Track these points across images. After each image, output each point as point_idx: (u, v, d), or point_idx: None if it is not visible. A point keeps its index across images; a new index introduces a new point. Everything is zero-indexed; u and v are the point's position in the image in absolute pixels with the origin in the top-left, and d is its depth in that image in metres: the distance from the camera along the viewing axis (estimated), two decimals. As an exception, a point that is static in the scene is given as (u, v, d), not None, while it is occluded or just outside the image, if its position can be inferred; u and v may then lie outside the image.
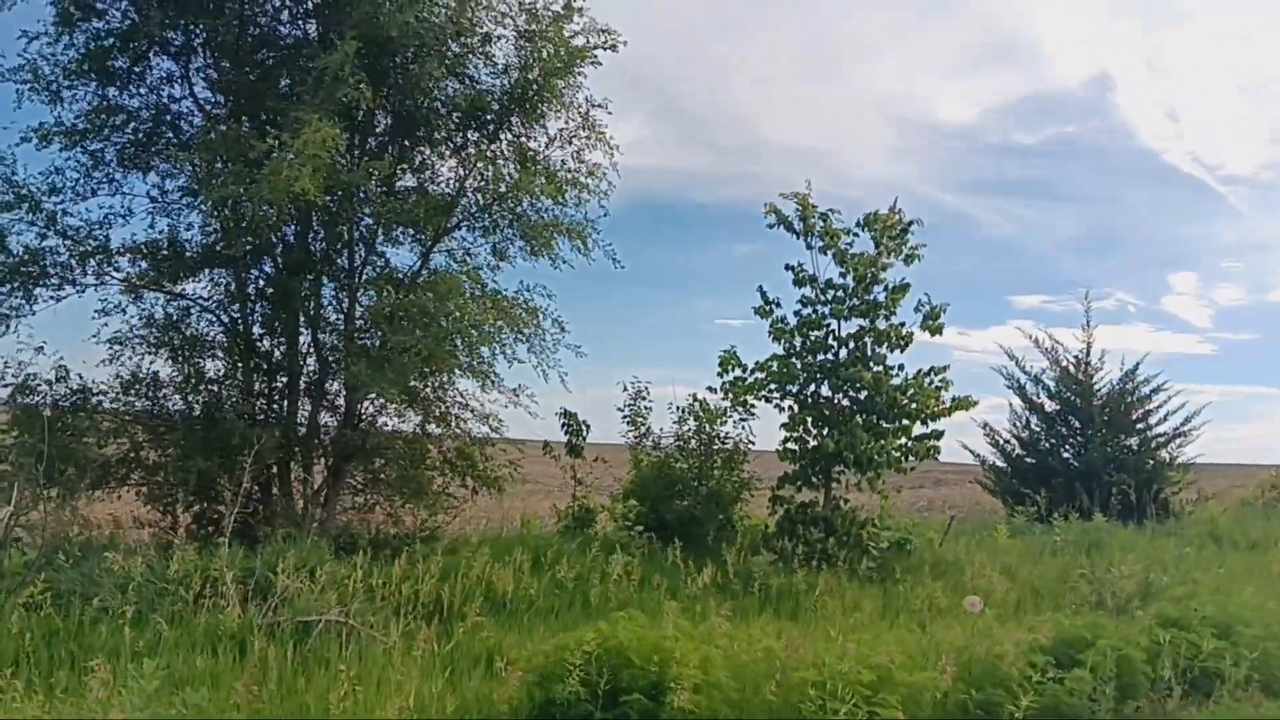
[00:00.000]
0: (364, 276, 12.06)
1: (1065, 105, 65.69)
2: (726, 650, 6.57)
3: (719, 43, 60.75)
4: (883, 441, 12.36)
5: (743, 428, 13.16)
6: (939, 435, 12.74)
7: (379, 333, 11.20)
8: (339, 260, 12.06)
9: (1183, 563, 11.86)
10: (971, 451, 17.96)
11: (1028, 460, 17.60)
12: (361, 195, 11.08)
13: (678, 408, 13.20)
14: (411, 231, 12.02)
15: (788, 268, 13.10)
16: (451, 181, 12.22)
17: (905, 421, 12.60)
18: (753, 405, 13.07)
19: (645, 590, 9.87)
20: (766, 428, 14.25)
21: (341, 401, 12.04)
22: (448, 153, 12.14)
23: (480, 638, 7.88)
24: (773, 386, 12.90)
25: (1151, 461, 16.84)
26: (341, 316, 11.91)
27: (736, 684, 6.13)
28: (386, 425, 12.25)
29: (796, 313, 13.02)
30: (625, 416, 13.45)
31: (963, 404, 12.74)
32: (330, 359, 11.71)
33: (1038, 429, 17.69)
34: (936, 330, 12.87)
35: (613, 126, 12.20)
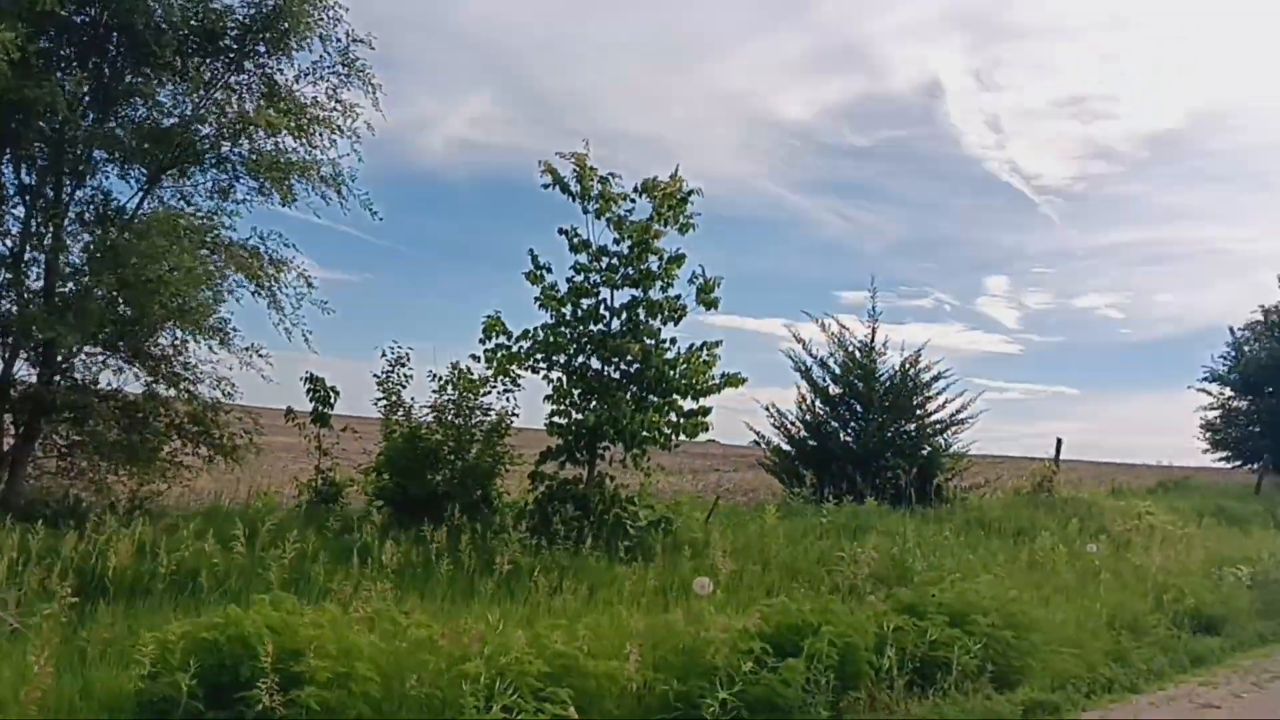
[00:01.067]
0: (76, 212, 10.67)
1: (897, 110, 67.61)
2: (382, 639, 5.74)
3: (572, 27, 59.78)
4: (649, 416, 11.80)
5: (508, 399, 12.36)
6: (707, 412, 12.31)
7: (83, 276, 9.89)
8: (46, 191, 10.62)
9: (938, 549, 11.72)
10: (756, 433, 17.77)
11: (810, 443, 17.47)
12: (56, 119, 9.68)
13: (437, 377, 12.29)
14: (136, 165, 10.72)
15: (561, 231, 12.39)
16: (181, 111, 10.93)
17: (675, 397, 12.11)
18: (519, 376, 12.30)
19: (344, 571, 8.87)
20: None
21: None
22: (169, 79, 10.78)
23: (113, 624, 6.80)
24: (539, 356, 12.16)
25: (927, 448, 16.98)
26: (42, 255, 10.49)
27: (383, 678, 5.31)
28: (109, 383, 11.02)
29: (569, 279, 12.33)
30: (380, 383, 12.46)
31: (732, 380, 12.30)
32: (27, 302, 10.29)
33: (822, 412, 17.58)
34: (711, 304, 12.42)
35: (459, 101, 11.25)
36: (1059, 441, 19.45)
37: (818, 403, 17.77)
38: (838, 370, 17.63)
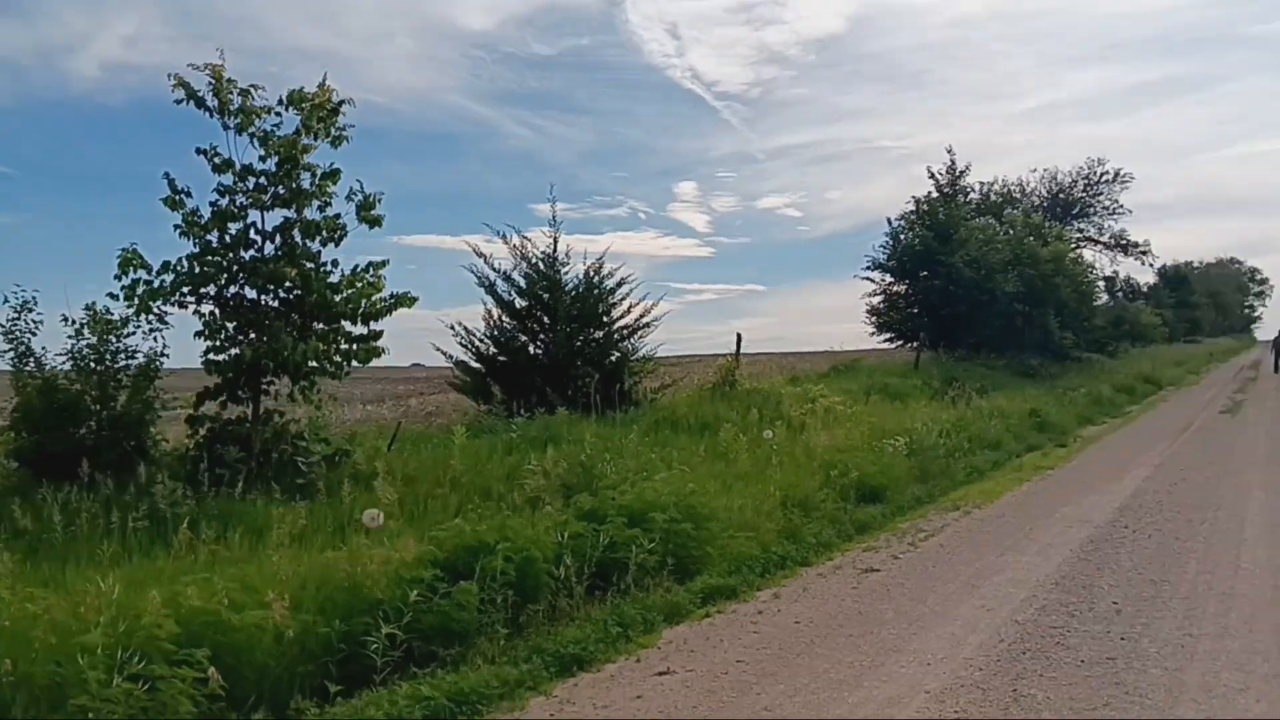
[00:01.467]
0: None
1: (580, 18, 67.56)
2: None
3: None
4: (314, 345, 11.06)
5: (155, 339, 11.20)
6: (378, 336, 11.69)
7: None
8: None
9: (625, 451, 11.82)
10: (444, 354, 17.28)
11: (500, 359, 17.22)
12: None
13: (71, 321, 10.95)
14: None
15: (199, 151, 11.21)
16: None
17: (342, 323, 11.41)
18: (166, 314, 11.16)
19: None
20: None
21: None
22: None
23: None
24: (185, 290, 11.06)
25: (615, 354, 17.16)
26: None
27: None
28: None
29: (213, 204, 11.22)
30: (4, 334, 10.97)
31: (403, 300, 11.69)
32: None
33: (509, 327, 17.34)
34: (373, 221, 11.69)
35: (112, 19, 9.57)
36: (739, 336, 20.21)
37: (504, 318, 17.50)
38: (523, 283, 17.39)
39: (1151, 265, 59.90)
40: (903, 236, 32.30)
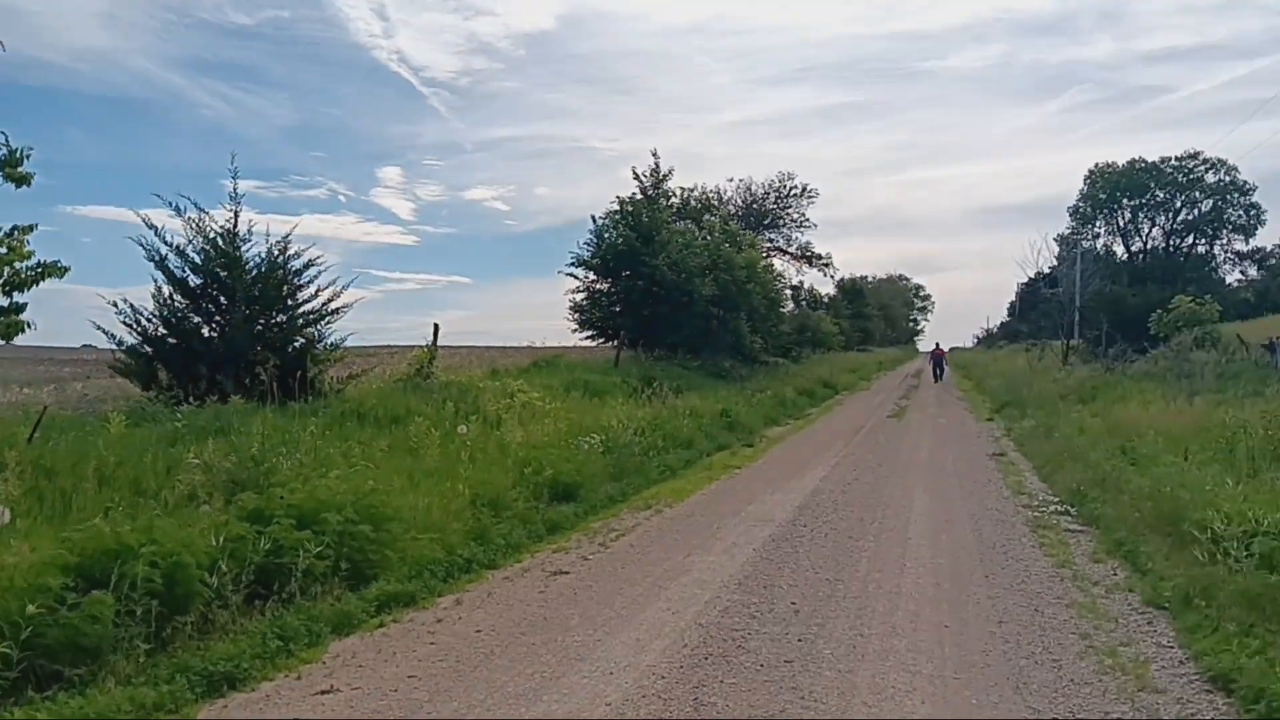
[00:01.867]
0: None
1: (281, -11, 63.87)
2: None
3: None
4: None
5: None
6: (20, 309, 10.22)
7: None
8: None
9: (303, 445, 10.95)
10: (107, 334, 15.51)
11: (170, 341, 15.68)
12: None
13: None
14: None
15: None
16: None
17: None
18: None
19: None
20: None
21: None
22: None
23: None
24: None
25: (300, 340, 16.06)
26: None
27: None
28: None
29: None
30: None
31: (51, 270, 10.29)
32: None
33: (181, 306, 15.82)
34: (19, 180, 10.21)
35: None
36: (435, 327, 19.58)
37: (177, 296, 15.95)
38: (198, 260, 15.91)
39: (832, 277, 64.25)
40: (607, 235, 32.60)
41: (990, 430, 23.69)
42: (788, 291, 52.11)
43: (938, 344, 53.80)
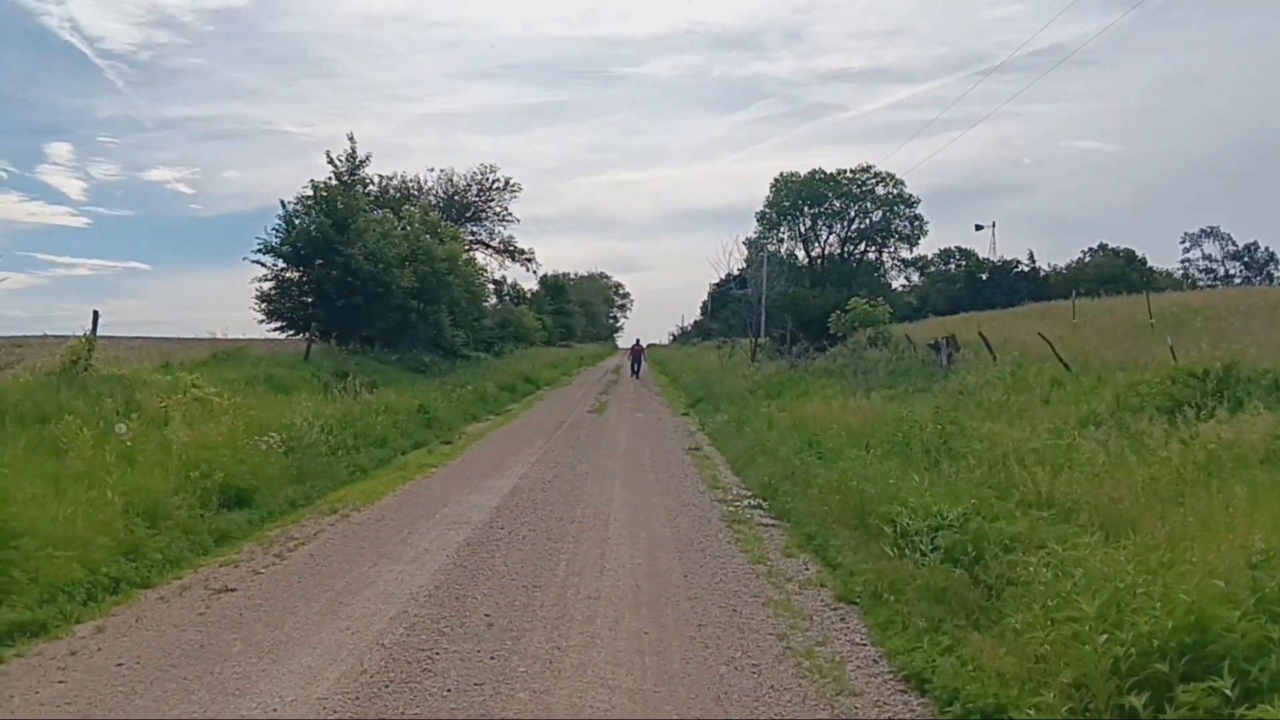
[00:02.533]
0: None
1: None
2: None
3: None
4: None
5: None
6: None
7: None
8: None
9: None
10: None
11: None
12: None
13: None
14: None
15: None
16: None
17: None
18: None
19: None
20: None
21: None
22: None
23: None
24: None
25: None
26: None
27: None
28: None
29: None
30: None
31: None
32: None
33: None
34: None
35: None
36: (95, 314, 17.52)
37: None
38: None
39: (535, 272, 64.40)
40: (298, 221, 30.72)
41: (686, 424, 24.23)
42: (491, 286, 51.69)
43: (637, 340, 55.09)
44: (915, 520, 8.38)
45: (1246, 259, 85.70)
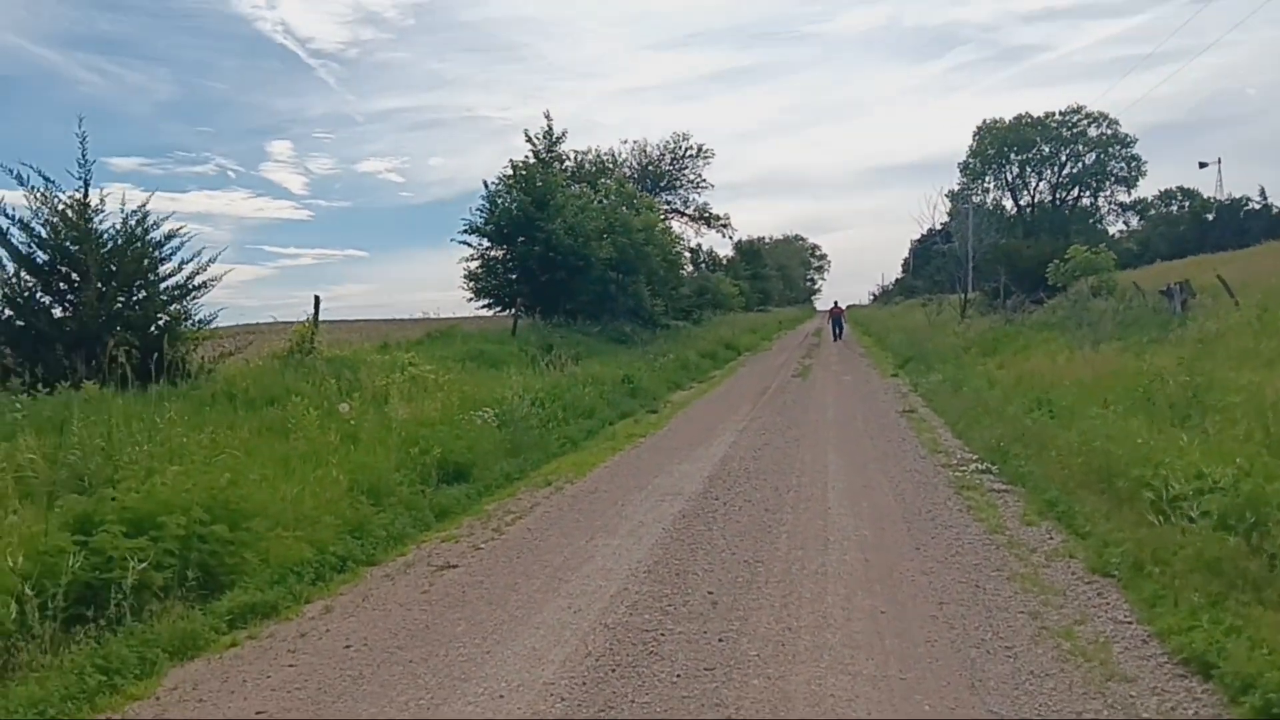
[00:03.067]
0: None
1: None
2: None
3: None
4: None
5: None
6: None
7: None
8: None
9: (158, 433, 9.69)
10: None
11: (17, 323, 14.15)
12: None
13: None
14: None
15: None
16: None
17: None
18: None
19: None
20: None
21: None
22: None
23: None
24: None
25: (164, 317, 14.65)
26: None
27: None
28: None
29: None
30: None
31: None
32: None
33: (30, 285, 14.27)
34: None
35: None
36: (317, 299, 18.22)
37: (22, 273, 14.39)
38: (44, 233, 14.35)
39: (730, 239, 63.77)
40: (500, 201, 31.35)
41: (896, 386, 23.31)
42: (686, 254, 51.46)
43: (836, 302, 53.71)
44: (1175, 483, 7.51)
45: None
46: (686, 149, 54.32)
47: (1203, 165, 78.02)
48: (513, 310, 29.93)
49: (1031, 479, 10.29)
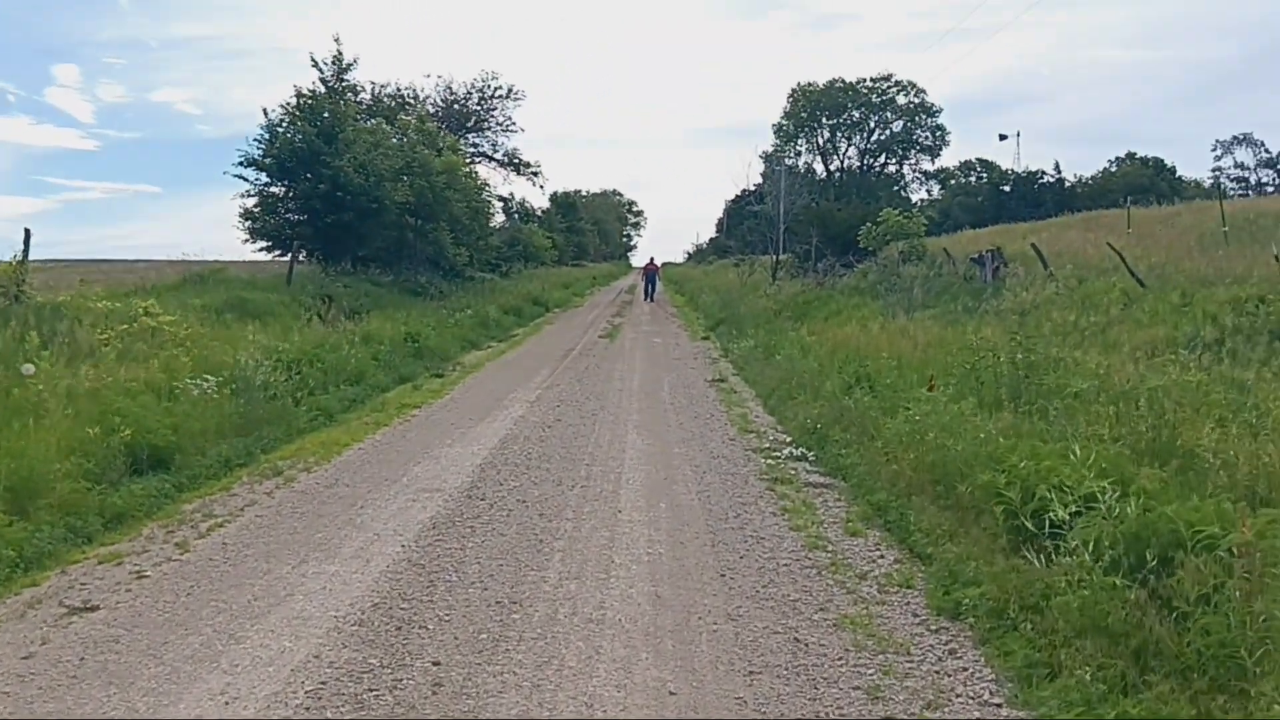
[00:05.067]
0: None
1: None
2: None
3: None
4: None
5: None
6: None
7: None
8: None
9: None
10: None
11: None
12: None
13: None
14: None
15: None
16: None
17: None
18: None
19: None
20: None
21: None
22: None
23: None
24: None
25: None
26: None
27: None
28: None
29: None
30: None
31: None
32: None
33: None
34: None
35: None
36: (27, 232, 15.18)
37: None
38: None
39: (542, 188, 61.18)
40: (282, 131, 28.11)
41: (707, 350, 21.91)
42: (498, 203, 48.91)
43: (651, 259, 52.30)
44: (1035, 493, 6.05)
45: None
46: (496, 88, 51.19)
47: (1002, 138, 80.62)
48: (291, 255, 27.04)
49: (854, 473, 8.84)
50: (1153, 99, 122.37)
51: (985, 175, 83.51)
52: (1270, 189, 76.91)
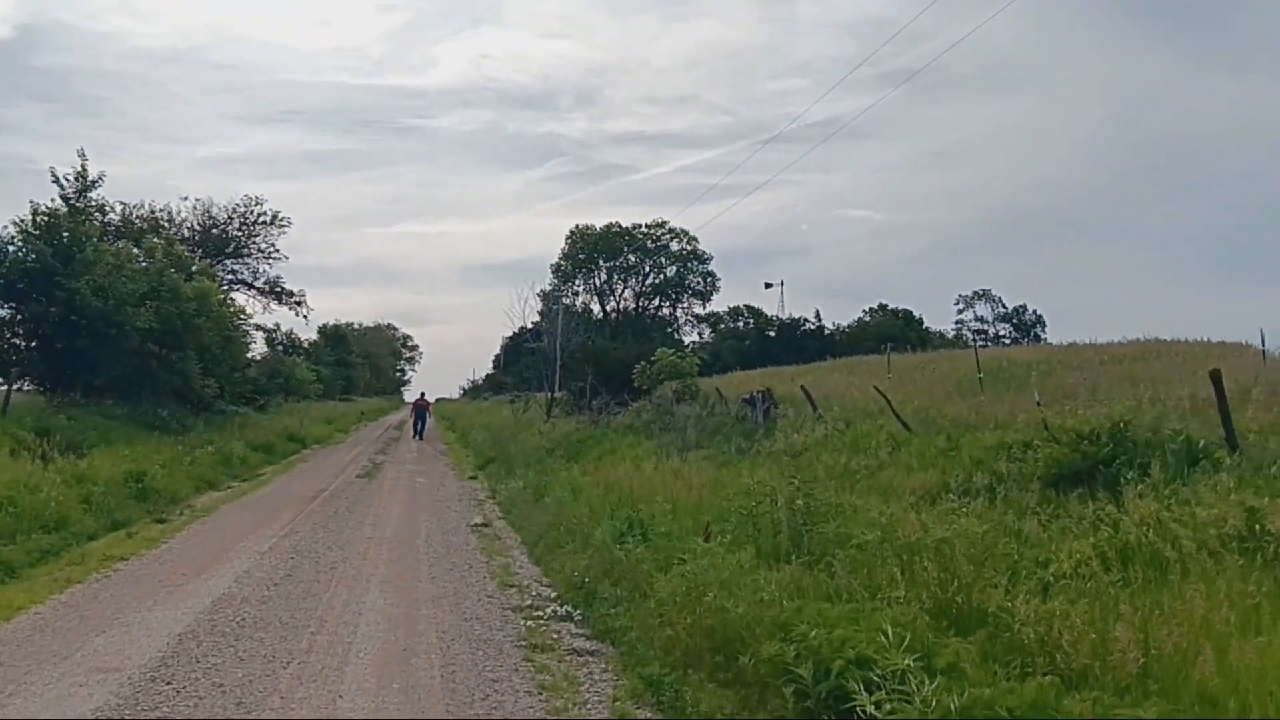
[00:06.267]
0: None
1: None
2: None
3: None
4: None
5: None
6: None
7: None
8: None
9: None
10: None
11: None
12: None
13: None
14: None
15: None
16: None
17: None
18: None
19: None
20: None
21: None
22: None
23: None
24: None
25: None
26: None
27: None
28: None
29: None
30: None
31: None
32: None
33: None
34: None
35: None
36: None
37: None
38: None
39: (306, 318, 58.20)
40: (12, 249, 25.42)
41: (473, 491, 20.62)
42: (257, 332, 46.12)
43: (422, 394, 50.45)
44: (831, 670, 5.19)
45: (1015, 320, 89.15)
46: (260, 214, 48.59)
47: (768, 286, 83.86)
48: (11, 383, 24.13)
49: (625, 637, 7.81)
50: (899, 256, 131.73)
51: (753, 320, 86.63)
52: (1007, 340, 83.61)
